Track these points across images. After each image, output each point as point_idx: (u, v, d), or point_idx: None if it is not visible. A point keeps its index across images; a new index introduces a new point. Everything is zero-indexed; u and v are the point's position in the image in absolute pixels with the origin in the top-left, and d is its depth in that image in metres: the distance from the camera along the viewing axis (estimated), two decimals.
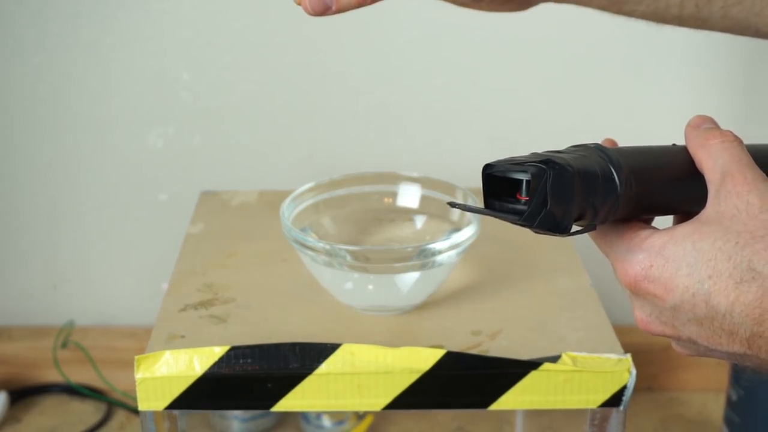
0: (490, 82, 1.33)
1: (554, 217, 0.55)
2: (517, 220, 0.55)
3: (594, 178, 0.56)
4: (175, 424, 0.86)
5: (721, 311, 0.55)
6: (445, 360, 0.82)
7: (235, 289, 0.94)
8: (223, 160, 1.35)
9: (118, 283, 1.42)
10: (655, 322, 0.59)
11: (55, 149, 1.34)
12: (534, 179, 0.55)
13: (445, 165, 1.32)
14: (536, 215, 0.54)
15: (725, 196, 0.56)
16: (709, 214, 0.57)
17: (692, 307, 0.56)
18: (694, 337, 0.57)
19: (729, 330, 0.55)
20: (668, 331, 0.59)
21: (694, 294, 0.55)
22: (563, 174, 0.54)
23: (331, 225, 0.98)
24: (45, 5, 1.27)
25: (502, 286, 0.95)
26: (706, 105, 1.32)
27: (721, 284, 0.54)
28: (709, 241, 0.55)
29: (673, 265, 0.56)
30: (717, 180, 0.57)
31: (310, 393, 0.83)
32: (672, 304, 0.56)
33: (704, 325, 0.56)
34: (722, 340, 0.56)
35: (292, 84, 1.31)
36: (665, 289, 0.56)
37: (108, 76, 1.31)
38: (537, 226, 0.55)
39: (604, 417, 0.85)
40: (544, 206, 0.54)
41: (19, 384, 1.39)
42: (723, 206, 0.56)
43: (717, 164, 0.58)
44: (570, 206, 0.55)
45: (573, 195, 0.55)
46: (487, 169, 0.57)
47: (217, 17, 1.29)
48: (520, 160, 0.56)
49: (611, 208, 0.57)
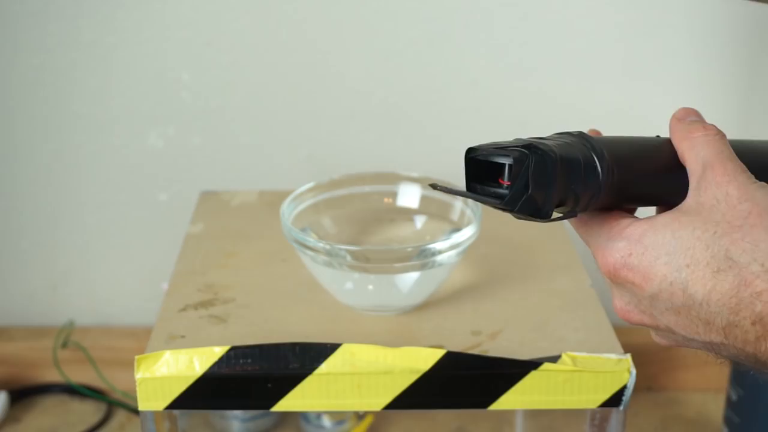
0: (490, 82, 1.32)
1: (535, 202, 0.55)
2: (499, 204, 0.56)
3: (576, 164, 0.56)
4: (175, 424, 0.86)
5: (698, 300, 0.55)
6: (445, 360, 0.82)
7: (235, 289, 0.94)
8: (223, 160, 1.35)
9: (118, 283, 1.42)
10: (634, 311, 0.59)
11: (55, 149, 1.34)
12: (516, 164, 0.55)
13: (445, 165, 1.32)
14: (517, 200, 0.55)
15: (705, 186, 0.57)
16: (689, 204, 0.57)
17: (670, 295, 0.56)
18: (671, 326, 0.58)
19: (705, 319, 0.55)
20: (647, 320, 0.59)
21: (671, 282, 0.56)
22: (545, 159, 0.55)
23: (331, 225, 0.98)
24: (45, 5, 1.26)
25: (502, 286, 0.95)
26: (707, 105, 1.32)
27: (698, 273, 0.55)
28: (688, 230, 0.56)
29: (652, 254, 0.56)
30: (698, 171, 0.58)
31: (310, 393, 0.83)
32: (650, 293, 0.57)
33: (681, 314, 0.56)
34: (699, 330, 0.56)
35: (292, 84, 1.31)
36: (644, 278, 0.57)
37: (108, 76, 1.31)
38: (518, 210, 0.55)
39: (604, 417, 0.85)
40: (525, 191, 0.55)
41: (19, 384, 1.39)
42: (703, 197, 0.57)
43: (699, 156, 0.58)
44: (551, 192, 0.55)
45: (555, 181, 0.55)
46: (470, 152, 0.58)
47: (217, 17, 1.28)
48: (503, 145, 0.57)
49: (593, 195, 0.57)
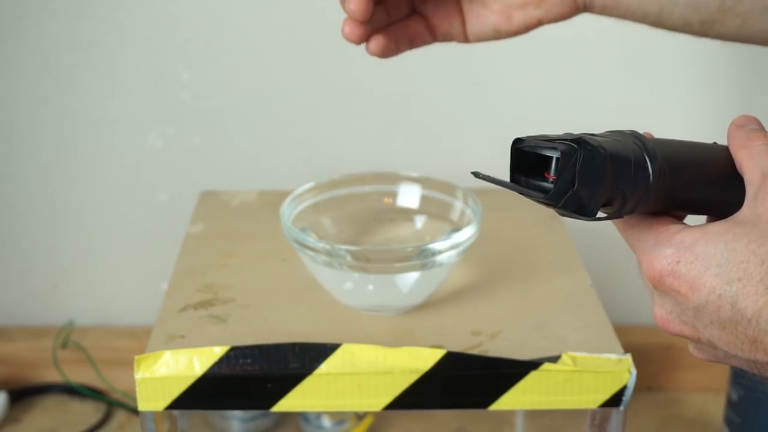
0: (490, 82, 1.32)
1: (580, 199, 0.53)
2: (542, 198, 0.53)
3: (626, 163, 0.54)
4: (174, 424, 0.86)
5: (747, 316, 0.53)
6: (445, 360, 0.82)
7: (235, 289, 0.94)
8: (223, 160, 1.35)
9: (118, 283, 1.42)
10: (675, 321, 0.57)
11: (55, 149, 1.34)
12: (563, 157, 0.53)
13: (445, 165, 1.32)
14: (562, 195, 0.53)
15: (764, 197, 0.55)
16: (745, 214, 0.55)
17: (717, 308, 0.54)
18: (714, 340, 0.56)
19: (753, 337, 0.53)
20: (687, 332, 0.57)
21: (720, 295, 0.54)
22: (594, 155, 0.53)
23: (331, 225, 0.98)
24: (45, 5, 1.26)
25: (502, 286, 0.95)
26: (707, 105, 1.32)
27: (750, 288, 0.53)
28: (743, 243, 0.53)
29: (702, 263, 0.54)
30: (757, 181, 0.56)
31: (310, 393, 0.83)
32: (696, 304, 0.55)
33: (727, 329, 0.54)
34: (744, 347, 0.54)
35: (292, 84, 1.31)
36: (690, 287, 0.54)
37: (108, 76, 1.31)
38: (562, 206, 0.53)
39: (604, 417, 0.85)
40: (571, 186, 0.52)
41: (18, 384, 1.39)
42: (760, 208, 0.54)
43: (758, 166, 0.56)
44: (598, 189, 0.53)
45: (602, 178, 0.53)
46: (516, 143, 0.56)
47: (217, 17, 1.28)
48: (551, 137, 0.54)
49: (641, 197, 0.55)
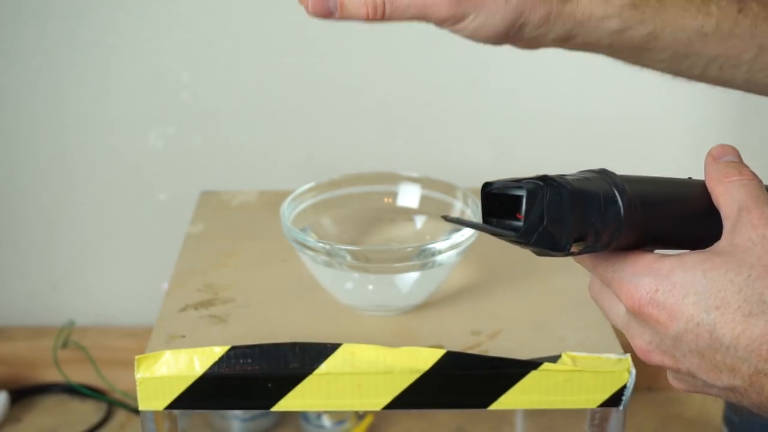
0: (490, 82, 1.32)
1: (551, 236, 0.54)
2: (513, 236, 0.54)
3: (595, 198, 0.55)
4: (175, 423, 0.86)
5: (725, 344, 0.53)
6: (445, 360, 0.82)
7: (235, 289, 0.94)
8: (223, 160, 1.35)
9: (118, 283, 1.42)
10: (656, 351, 0.57)
11: (55, 149, 1.34)
12: (530, 195, 0.54)
13: (445, 165, 1.32)
14: (532, 232, 0.54)
15: (740, 228, 0.55)
16: (722, 246, 0.55)
17: (695, 337, 0.54)
18: (693, 369, 0.56)
19: (731, 365, 0.54)
20: (667, 361, 0.57)
21: (698, 324, 0.54)
22: (561, 191, 0.54)
23: (331, 225, 0.98)
24: (45, 5, 1.27)
25: (502, 286, 0.95)
26: (707, 105, 1.32)
27: (728, 316, 0.53)
28: (721, 272, 0.54)
29: (680, 292, 0.54)
30: (733, 216, 0.56)
31: (310, 393, 0.83)
32: (675, 333, 0.55)
33: (705, 357, 0.54)
34: (723, 376, 0.54)
35: (292, 84, 1.31)
36: (669, 316, 0.55)
37: (108, 76, 1.31)
38: (534, 243, 0.54)
39: (603, 417, 0.85)
40: (540, 222, 0.54)
41: (19, 384, 1.39)
42: (737, 239, 0.55)
43: (734, 201, 0.56)
44: (568, 225, 0.54)
45: (571, 213, 0.54)
46: (486, 187, 0.57)
47: (217, 17, 1.29)
48: (520, 179, 0.55)
49: (615, 231, 0.55)
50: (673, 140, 1.35)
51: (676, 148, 1.35)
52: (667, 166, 1.33)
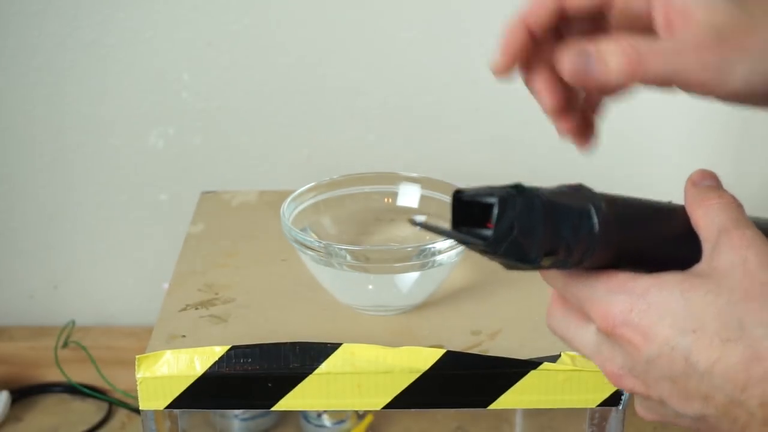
0: (490, 82, 1.32)
1: (521, 246, 0.52)
2: (482, 245, 0.52)
3: (568, 211, 0.53)
4: (175, 423, 0.86)
5: (700, 370, 0.51)
6: (445, 360, 0.83)
7: (236, 289, 0.94)
8: (223, 160, 1.35)
9: (118, 282, 1.42)
10: (627, 376, 0.54)
11: (55, 149, 1.34)
12: (501, 203, 0.52)
13: (445, 165, 1.32)
14: (501, 241, 0.52)
15: (720, 251, 0.53)
16: (702, 268, 0.53)
17: (669, 361, 0.51)
18: (665, 396, 0.53)
19: (705, 393, 0.51)
20: (639, 388, 0.54)
21: (673, 347, 0.51)
22: (533, 201, 0.52)
23: (331, 225, 0.98)
24: (45, 5, 1.27)
25: (502, 286, 0.95)
26: (709, 106, 1.32)
27: (704, 341, 0.50)
28: (700, 293, 0.51)
29: (655, 312, 0.52)
30: (713, 238, 0.54)
31: (310, 392, 0.83)
32: (648, 356, 0.52)
33: (678, 384, 0.52)
34: (694, 404, 0.52)
35: (293, 84, 1.31)
36: (644, 338, 0.52)
37: (108, 76, 1.31)
38: (502, 253, 0.52)
39: (603, 416, 0.85)
40: (510, 232, 0.52)
41: (20, 383, 1.39)
42: (717, 261, 0.53)
43: (713, 223, 0.55)
44: (539, 236, 0.52)
45: (543, 225, 0.52)
46: (457, 194, 0.55)
47: (217, 17, 1.29)
48: (492, 186, 0.54)
49: (588, 248, 0.54)
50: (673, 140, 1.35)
51: (676, 148, 1.35)
52: (667, 166, 1.33)
